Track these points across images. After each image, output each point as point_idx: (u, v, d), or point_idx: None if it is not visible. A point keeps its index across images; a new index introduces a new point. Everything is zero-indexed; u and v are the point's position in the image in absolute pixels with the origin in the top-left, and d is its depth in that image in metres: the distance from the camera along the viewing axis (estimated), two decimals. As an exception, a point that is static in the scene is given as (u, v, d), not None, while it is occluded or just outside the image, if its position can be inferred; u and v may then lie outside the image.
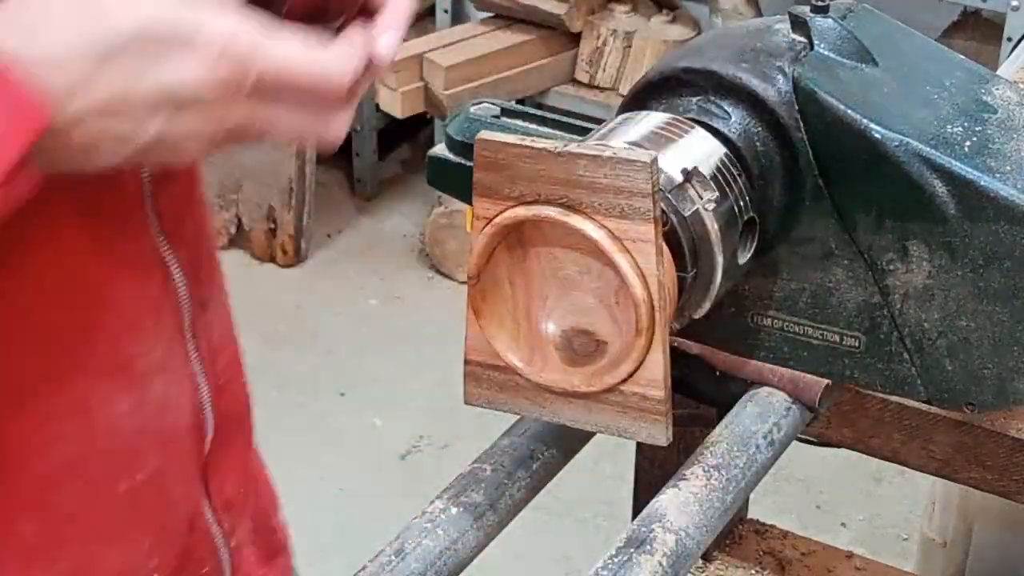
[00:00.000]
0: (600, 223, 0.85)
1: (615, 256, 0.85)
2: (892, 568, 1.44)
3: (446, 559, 0.90)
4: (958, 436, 1.10)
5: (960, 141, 0.94)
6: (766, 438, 0.98)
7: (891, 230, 0.95)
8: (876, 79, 0.97)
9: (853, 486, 2.82)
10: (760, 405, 1.01)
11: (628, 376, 0.88)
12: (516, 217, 0.87)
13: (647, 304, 0.85)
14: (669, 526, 0.89)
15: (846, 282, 0.98)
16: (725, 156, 0.93)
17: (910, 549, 2.38)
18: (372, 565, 0.89)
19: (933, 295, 0.95)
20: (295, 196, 3.47)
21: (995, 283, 0.93)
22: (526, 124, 1.09)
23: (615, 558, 0.86)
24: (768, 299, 1.01)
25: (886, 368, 0.99)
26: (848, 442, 1.15)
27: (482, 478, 0.95)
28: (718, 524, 0.93)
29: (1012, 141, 0.95)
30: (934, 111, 0.96)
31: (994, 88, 1.01)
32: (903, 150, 0.92)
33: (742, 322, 1.02)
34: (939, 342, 0.96)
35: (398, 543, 0.90)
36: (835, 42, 0.97)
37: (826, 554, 1.42)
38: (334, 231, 3.68)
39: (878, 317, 0.98)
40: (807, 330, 1.00)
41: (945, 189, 0.92)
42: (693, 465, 0.95)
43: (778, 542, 1.42)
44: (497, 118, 1.09)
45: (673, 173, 0.90)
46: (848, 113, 0.93)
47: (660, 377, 0.87)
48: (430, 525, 0.92)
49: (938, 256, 0.94)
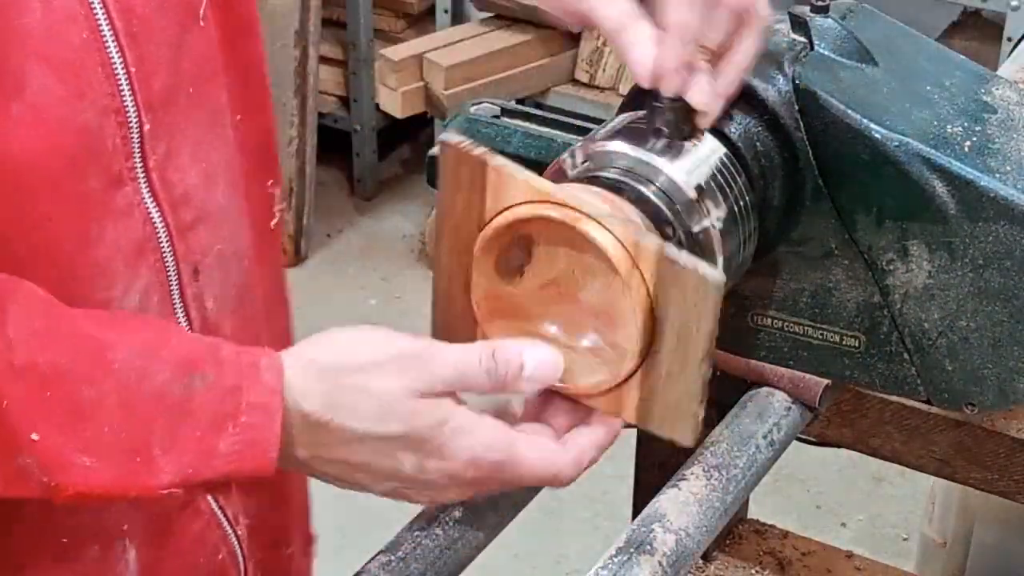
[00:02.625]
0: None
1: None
2: (892, 568, 1.44)
3: (446, 559, 0.90)
4: (958, 436, 1.10)
5: (960, 141, 0.94)
6: (766, 438, 0.98)
7: (891, 230, 0.95)
8: (876, 79, 0.97)
9: (853, 486, 2.82)
10: (760, 405, 1.01)
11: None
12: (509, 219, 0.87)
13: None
14: (669, 526, 0.89)
15: (846, 282, 0.98)
16: (725, 156, 0.93)
17: (910, 549, 2.38)
18: (372, 565, 0.89)
19: (933, 295, 0.95)
20: (295, 196, 3.47)
21: (995, 283, 0.93)
22: (526, 124, 1.09)
23: (615, 558, 0.86)
24: (768, 299, 1.01)
25: (886, 368, 0.99)
26: (848, 442, 1.15)
27: (482, 478, 0.95)
28: (718, 524, 0.93)
29: (1012, 141, 0.95)
30: (934, 111, 0.96)
31: (994, 88, 1.01)
32: (903, 150, 0.92)
33: (742, 322, 1.02)
34: (939, 342, 0.96)
35: (398, 543, 0.90)
36: (835, 42, 0.97)
37: (826, 554, 1.42)
38: (334, 231, 3.68)
39: (878, 317, 0.98)
40: (807, 330, 1.00)
41: (945, 189, 0.92)
42: (693, 465, 0.95)
43: (778, 542, 1.42)
44: (497, 118, 1.09)
45: (688, 190, 0.89)
46: (848, 113, 0.93)
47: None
48: (430, 525, 0.92)
49: (938, 256, 0.94)
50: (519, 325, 0.89)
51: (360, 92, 3.64)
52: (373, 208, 3.78)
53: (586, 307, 0.87)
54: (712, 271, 0.82)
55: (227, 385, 0.81)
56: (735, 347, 1.03)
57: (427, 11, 3.71)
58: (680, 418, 0.86)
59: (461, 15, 3.73)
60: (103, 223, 0.87)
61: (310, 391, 0.82)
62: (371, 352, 0.83)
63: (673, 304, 0.83)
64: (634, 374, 0.86)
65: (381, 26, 3.68)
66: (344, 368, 0.83)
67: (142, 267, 0.90)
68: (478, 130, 1.08)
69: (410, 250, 3.62)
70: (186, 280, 0.93)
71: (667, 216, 0.89)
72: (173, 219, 0.91)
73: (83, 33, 0.84)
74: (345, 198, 3.81)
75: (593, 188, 0.89)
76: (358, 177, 3.79)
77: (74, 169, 0.85)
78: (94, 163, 0.86)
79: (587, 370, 0.88)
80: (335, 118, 3.72)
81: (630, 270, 0.83)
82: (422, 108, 3.45)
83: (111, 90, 0.86)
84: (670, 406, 0.86)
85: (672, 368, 0.85)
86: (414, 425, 0.82)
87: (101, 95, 0.85)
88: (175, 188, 0.91)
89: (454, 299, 0.91)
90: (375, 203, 3.80)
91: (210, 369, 0.81)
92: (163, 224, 0.90)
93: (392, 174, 3.90)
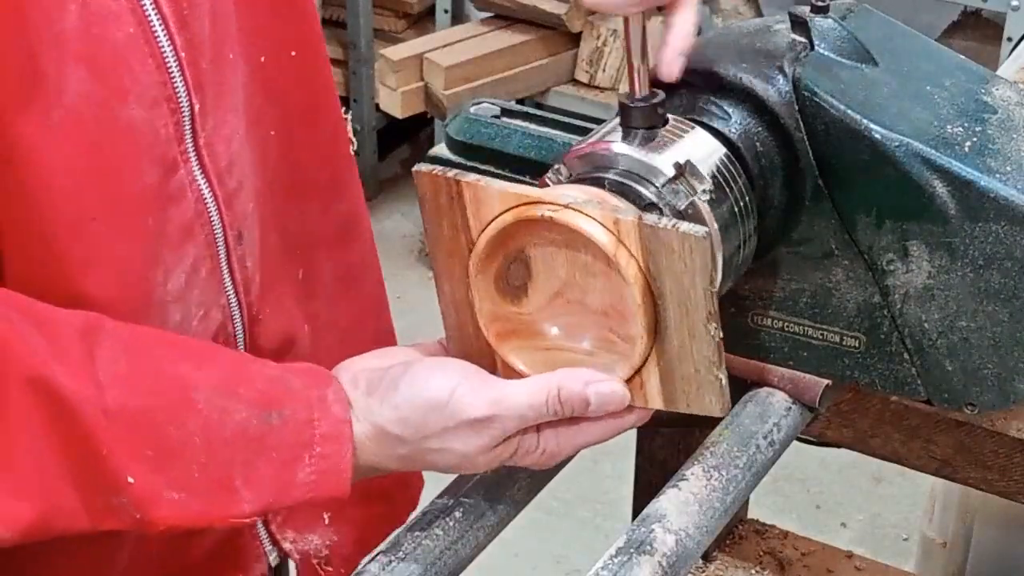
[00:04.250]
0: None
1: None
2: (892, 568, 1.44)
3: (446, 559, 0.90)
4: (958, 436, 1.10)
5: (960, 141, 0.94)
6: (766, 438, 0.98)
7: (891, 230, 0.95)
8: (876, 79, 0.97)
9: (853, 486, 2.82)
10: (760, 405, 1.01)
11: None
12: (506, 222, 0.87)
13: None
14: (669, 526, 0.89)
15: (846, 282, 0.98)
16: (725, 156, 0.93)
17: (910, 549, 2.38)
18: (372, 565, 0.89)
19: (933, 295, 0.95)
20: (295, 196, 3.47)
21: (995, 283, 0.93)
22: (526, 124, 1.09)
23: (615, 558, 0.86)
24: (768, 299, 1.01)
25: (886, 368, 0.99)
26: (848, 442, 1.15)
27: (482, 478, 0.95)
28: (718, 524, 0.93)
29: (1012, 141, 0.95)
30: (934, 111, 0.96)
31: (994, 88, 1.01)
32: (903, 150, 0.92)
33: (742, 322, 1.02)
34: (939, 342, 0.96)
35: (398, 543, 0.90)
36: (835, 42, 0.97)
37: (826, 554, 1.42)
38: (334, 231, 3.68)
39: (878, 317, 0.98)
40: (807, 330, 1.00)
41: (945, 189, 0.92)
42: (693, 465, 0.95)
43: (778, 542, 1.42)
44: (497, 118, 1.09)
45: (665, 167, 0.90)
46: (848, 113, 0.93)
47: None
48: (430, 525, 0.92)
49: (938, 256, 0.94)
50: (534, 343, 0.90)
51: (360, 92, 3.64)
52: (373, 208, 3.78)
53: (595, 309, 0.87)
54: (694, 226, 0.83)
55: (300, 419, 0.85)
56: (735, 347, 1.03)
57: (427, 11, 3.71)
58: (704, 388, 0.87)
59: (461, 15, 3.73)
60: (159, 213, 0.88)
61: (385, 456, 0.88)
62: (444, 420, 0.86)
63: (666, 273, 0.84)
64: (648, 357, 0.87)
65: (381, 26, 3.68)
66: (422, 436, 0.87)
67: (190, 245, 0.91)
68: (478, 130, 1.08)
69: (410, 250, 3.62)
70: (232, 246, 0.95)
71: (650, 199, 0.89)
72: (222, 191, 0.92)
73: (129, 28, 0.84)
74: (345, 198, 3.81)
75: (572, 186, 0.90)
76: (358, 177, 3.79)
77: (121, 167, 0.86)
78: (147, 156, 0.87)
79: (607, 369, 0.88)
80: (335, 118, 3.72)
81: (616, 244, 0.84)
82: (422, 108, 3.45)
83: (162, 79, 0.86)
84: (690, 379, 0.87)
85: (683, 340, 0.86)
86: (491, 466, 0.89)
87: (150, 87, 0.86)
88: (221, 159, 0.92)
89: (465, 328, 0.91)
90: (375, 203, 3.80)
91: (285, 405, 0.85)
92: (213, 198, 0.92)
93: (392, 174, 3.90)
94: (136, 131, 0.86)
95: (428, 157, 1.11)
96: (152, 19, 0.85)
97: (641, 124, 0.91)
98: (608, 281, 0.86)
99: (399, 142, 3.93)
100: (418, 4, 3.68)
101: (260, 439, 0.84)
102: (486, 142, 1.08)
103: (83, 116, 0.83)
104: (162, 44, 0.86)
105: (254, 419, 0.84)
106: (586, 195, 0.87)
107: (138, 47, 0.85)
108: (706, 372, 0.86)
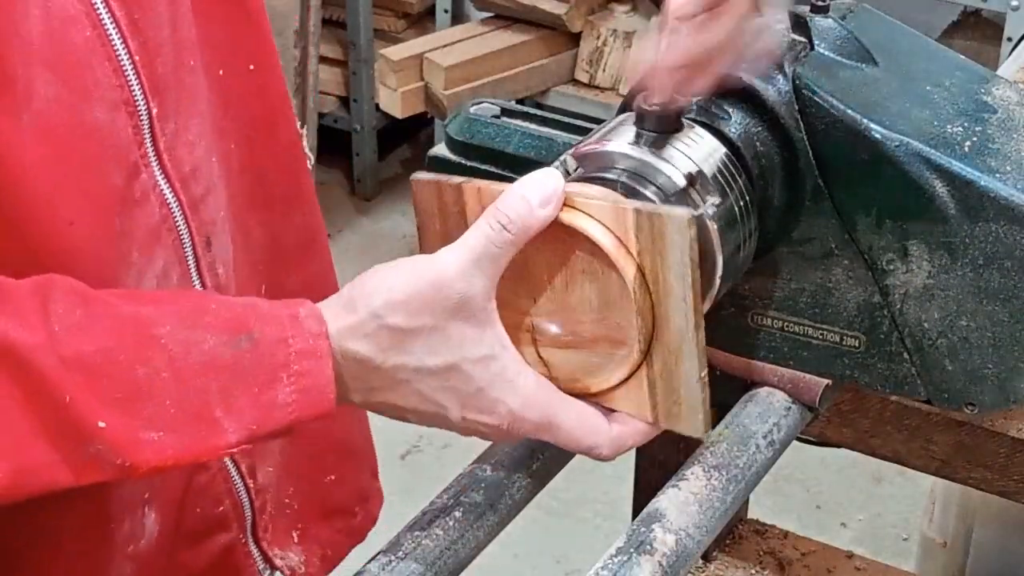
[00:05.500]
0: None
1: None
2: (892, 568, 1.44)
3: (446, 559, 0.90)
4: (958, 436, 1.10)
5: (960, 141, 0.94)
6: (766, 438, 0.98)
7: (891, 230, 0.95)
8: (876, 79, 0.97)
9: (853, 486, 2.82)
10: (760, 405, 1.01)
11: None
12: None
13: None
14: (669, 526, 0.89)
15: (846, 282, 0.98)
16: (725, 156, 0.93)
17: (910, 549, 2.38)
18: (372, 565, 0.89)
19: (933, 295, 0.95)
20: (295, 196, 3.47)
21: (995, 283, 0.93)
22: (526, 124, 1.08)
23: (615, 558, 0.86)
24: (768, 299, 1.01)
25: (886, 368, 0.99)
26: (848, 442, 1.15)
27: (482, 478, 0.95)
28: (718, 524, 0.93)
29: (1012, 141, 0.95)
30: (934, 111, 0.96)
31: (994, 88, 1.01)
32: (903, 150, 0.92)
33: (742, 322, 1.02)
34: (939, 342, 0.96)
35: (398, 543, 0.90)
36: (835, 42, 0.97)
37: (826, 554, 1.42)
38: (334, 231, 3.67)
39: (878, 317, 0.98)
40: (807, 330, 1.00)
41: (945, 189, 0.92)
42: (693, 465, 0.95)
43: (778, 542, 1.42)
44: (497, 118, 1.09)
45: (676, 178, 0.89)
46: (848, 113, 0.93)
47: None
48: (430, 525, 0.92)
49: (938, 256, 0.94)
50: (533, 343, 0.90)
51: (360, 92, 3.64)
52: (373, 208, 3.79)
53: (594, 309, 0.87)
54: (676, 208, 0.83)
55: (273, 339, 0.83)
56: (735, 347, 1.03)
57: (427, 11, 3.71)
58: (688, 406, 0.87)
59: (461, 15, 3.73)
60: (124, 215, 0.88)
61: (356, 337, 0.84)
62: (435, 294, 0.84)
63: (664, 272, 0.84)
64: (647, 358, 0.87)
65: (381, 26, 3.68)
66: (415, 326, 0.84)
67: (158, 249, 0.91)
68: (478, 130, 1.08)
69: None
70: (200, 252, 0.94)
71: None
72: (186, 196, 0.92)
73: (86, 31, 0.84)
74: (345, 198, 3.81)
75: (576, 184, 0.90)
76: (358, 177, 3.80)
77: (90, 169, 0.86)
78: (110, 159, 0.87)
79: (606, 369, 0.88)
80: (335, 118, 3.72)
81: (617, 244, 0.84)
82: (422, 108, 3.46)
83: (119, 82, 0.86)
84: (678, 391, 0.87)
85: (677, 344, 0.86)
86: (463, 355, 0.84)
87: (109, 90, 0.86)
88: (184, 165, 0.92)
89: None
90: (375, 203, 3.80)
91: (253, 327, 0.83)
92: (177, 203, 0.91)
93: (392, 174, 3.90)
94: (101, 133, 0.86)
95: (429, 157, 1.11)
96: (106, 23, 0.85)
97: (657, 129, 0.91)
98: (608, 281, 0.86)
99: (399, 142, 3.93)
100: (418, 4, 3.68)
101: (232, 365, 0.82)
102: (486, 142, 1.08)
103: (51, 119, 0.83)
104: (117, 48, 0.86)
105: (223, 346, 0.82)
106: (591, 193, 0.87)
107: (96, 50, 0.85)
108: (694, 387, 0.87)
